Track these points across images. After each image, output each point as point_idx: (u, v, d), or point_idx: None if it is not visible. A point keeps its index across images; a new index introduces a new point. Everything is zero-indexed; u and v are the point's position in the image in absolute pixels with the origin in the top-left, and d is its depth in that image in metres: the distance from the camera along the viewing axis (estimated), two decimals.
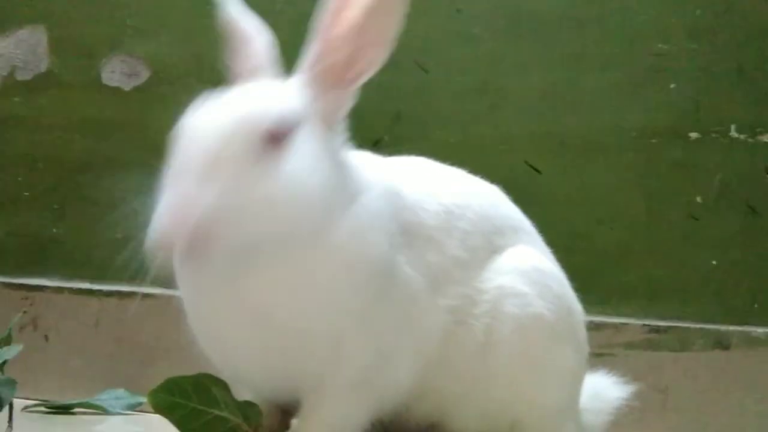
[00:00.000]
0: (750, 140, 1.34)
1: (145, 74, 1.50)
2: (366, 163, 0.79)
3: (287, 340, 0.70)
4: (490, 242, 0.83)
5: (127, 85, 1.50)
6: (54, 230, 1.49)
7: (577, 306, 0.90)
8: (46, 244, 1.49)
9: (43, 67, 1.52)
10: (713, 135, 1.35)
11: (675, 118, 1.35)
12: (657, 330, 1.29)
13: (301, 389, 0.74)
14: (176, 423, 0.72)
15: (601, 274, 1.33)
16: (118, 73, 1.50)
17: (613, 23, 1.38)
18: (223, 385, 0.74)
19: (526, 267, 0.83)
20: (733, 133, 1.34)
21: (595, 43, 1.38)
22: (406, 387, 0.77)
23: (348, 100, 0.75)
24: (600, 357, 1.22)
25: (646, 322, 1.29)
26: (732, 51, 1.34)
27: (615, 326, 1.29)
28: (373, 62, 0.73)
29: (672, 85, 1.36)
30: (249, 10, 0.83)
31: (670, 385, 1.27)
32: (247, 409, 0.75)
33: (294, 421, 0.81)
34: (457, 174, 0.89)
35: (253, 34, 0.80)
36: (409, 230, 0.77)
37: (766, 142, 1.33)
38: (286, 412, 0.81)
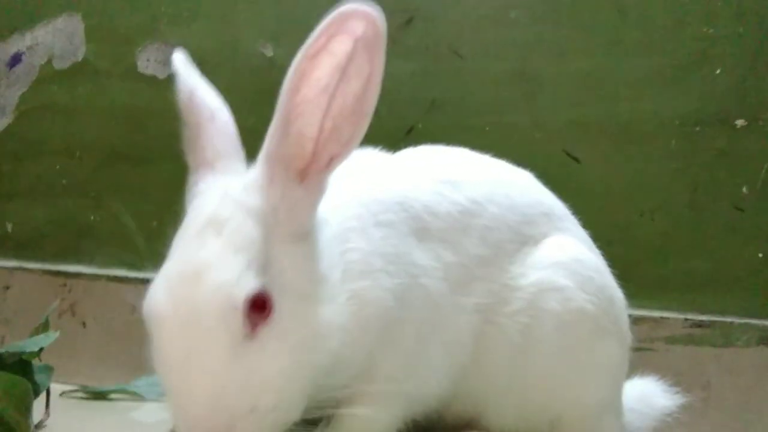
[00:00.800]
0: None
1: None
2: (366, 176, 0.75)
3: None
4: (518, 233, 0.81)
5: (163, 73, 1.51)
6: (91, 218, 1.51)
7: (618, 294, 0.87)
8: (83, 231, 1.51)
9: (80, 55, 1.54)
10: (760, 122, 1.30)
11: (720, 104, 1.31)
12: (699, 324, 1.25)
13: (332, 401, 0.73)
14: None
15: (641, 267, 1.29)
16: (153, 61, 1.51)
17: (656, 7, 1.33)
18: None
19: (564, 258, 0.81)
20: None
21: (636, 27, 1.34)
22: (441, 391, 0.75)
23: (322, 189, 0.65)
24: (640, 351, 1.19)
25: (688, 316, 1.26)
26: None
27: (655, 320, 1.26)
28: (351, 140, 0.64)
29: (717, 71, 1.31)
30: (208, 85, 0.74)
31: (712, 382, 1.23)
32: None
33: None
34: (482, 162, 0.86)
35: (216, 110, 0.72)
36: (422, 237, 0.74)
37: None
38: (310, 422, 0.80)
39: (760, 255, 1.28)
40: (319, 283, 0.65)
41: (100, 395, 1.23)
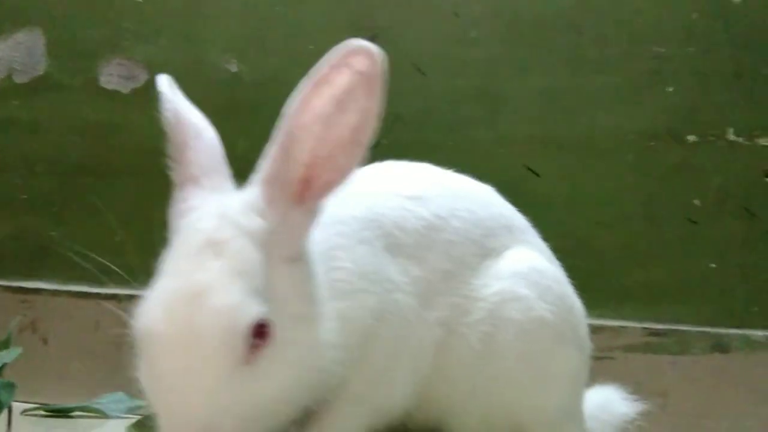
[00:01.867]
0: (748, 143, 1.34)
1: (143, 77, 1.50)
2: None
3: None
4: (480, 247, 0.83)
5: (126, 88, 1.50)
6: (52, 233, 1.49)
7: (577, 303, 0.89)
8: (44, 247, 1.49)
9: (41, 69, 1.52)
10: (711, 138, 1.35)
11: (673, 121, 1.36)
12: (656, 333, 1.29)
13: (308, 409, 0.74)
14: None
15: (600, 277, 1.33)
16: (116, 76, 1.50)
17: (611, 27, 1.38)
18: None
19: (524, 269, 0.83)
20: (731, 137, 1.34)
21: (593, 46, 1.38)
22: (403, 400, 0.77)
23: (317, 213, 0.66)
24: (599, 360, 1.22)
25: (646, 325, 1.30)
26: (729, 54, 1.35)
27: (614, 329, 1.29)
28: (347, 168, 0.65)
29: (670, 89, 1.36)
30: (192, 105, 0.76)
31: (669, 389, 1.27)
32: None
33: None
34: (445, 177, 0.88)
35: (201, 128, 0.72)
36: (393, 252, 0.76)
37: (764, 146, 1.34)
38: None
39: (713, 265, 1.33)
40: (313, 303, 0.66)
41: (62, 413, 1.21)
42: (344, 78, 0.64)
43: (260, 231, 0.63)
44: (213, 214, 0.64)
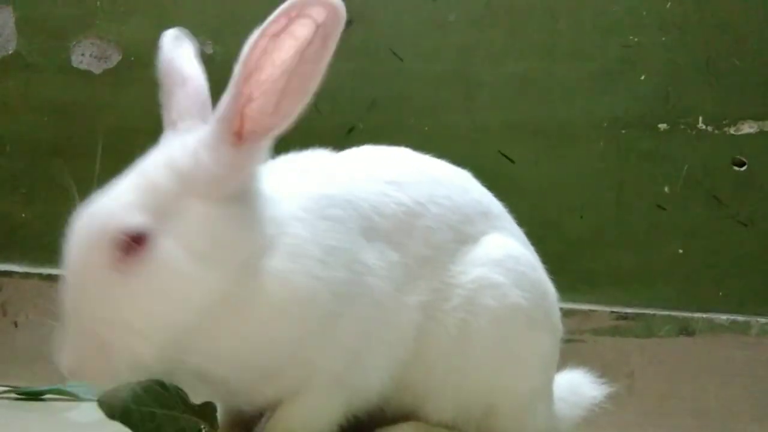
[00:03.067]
0: (717, 132, 1.37)
1: (115, 57, 1.48)
2: (308, 175, 0.78)
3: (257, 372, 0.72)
4: (458, 233, 0.83)
5: (98, 69, 1.48)
6: (23, 215, 1.47)
7: (551, 288, 0.91)
8: (14, 228, 1.47)
9: (11, 48, 1.49)
10: (681, 126, 1.37)
11: (645, 109, 1.38)
12: (624, 317, 1.32)
13: (277, 395, 0.75)
14: (132, 427, 0.72)
15: (571, 262, 1.35)
16: (88, 56, 1.48)
17: (586, 14, 1.39)
18: (175, 388, 0.74)
19: (500, 256, 0.84)
20: (701, 125, 1.37)
21: (567, 33, 1.39)
22: (381, 385, 0.78)
23: (263, 152, 0.69)
24: (569, 343, 1.24)
25: (614, 309, 1.32)
26: (701, 44, 1.37)
27: (584, 313, 1.31)
28: (288, 114, 0.67)
29: (642, 77, 1.38)
30: (190, 53, 0.80)
31: (636, 370, 1.30)
32: (204, 408, 0.75)
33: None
34: (423, 162, 0.88)
35: (189, 77, 0.76)
36: (370, 236, 0.76)
37: (732, 134, 1.36)
38: (249, 423, 0.81)
39: (681, 251, 1.36)
40: (222, 248, 0.67)
41: (34, 395, 1.20)
42: (306, 30, 0.65)
43: (185, 163, 0.67)
44: (157, 152, 0.70)
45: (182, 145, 0.69)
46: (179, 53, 0.78)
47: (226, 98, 0.67)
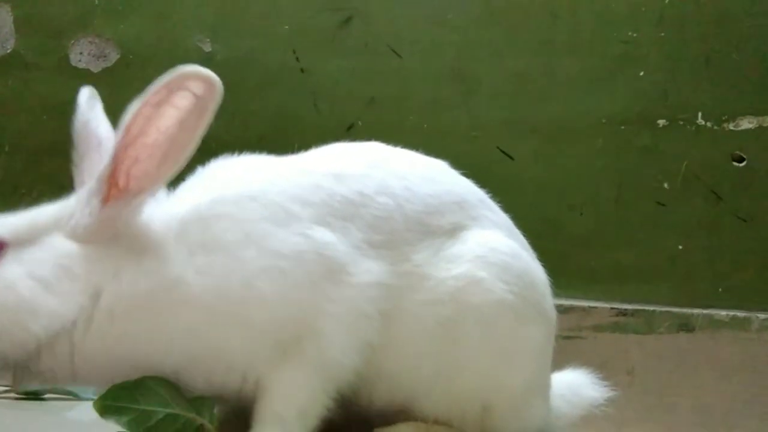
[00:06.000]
0: (716, 128, 1.37)
1: (113, 56, 1.48)
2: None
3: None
4: (418, 223, 0.83)
5: (96, 67, 1.48)
6: None
7: (540, 276, 0.89)
8: None
9: (9, 47, 1.49)
10: (680, 122, 1.37)
11: (644, 105, 1.38)
12: (624, 313, 1.32)
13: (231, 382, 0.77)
14: (127, 426, 0.72)
15: (570, 258, 1.35)
16: (86, 54, 1.48)
17: (584, 11, 1.39)
18: (169, 385, 0.74)
19: (481, 251, 0.83)
20: (700, 121, 1.37)
21: (566, 30, 1.39)
22: (351, 366, 0.77)
23: (141, 205, 0.76)
24: (569, 339, 1.25)
25: (614, 306, 1.32)
26: (699, 40, 1.37)
27: (584, 309, 1.31)
28: (166, 175, 0.75)
29: (641, 73, 1.38)
30: (105, 115, 0.85)
31: (636, 367, 1.30)
32: (199, 403, 0.75)
33: None
34: (387, 157, 0.88)
35: (103, 139, 0.82)
36: (284, 222, 0.78)
37: (731, 130, 1.36)
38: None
39: (680, 247, 1.36)
40: (75, 282, 0.74)
41: (34, 395, 1.20)
42: (185, 101, 0.72)
43: (64, 210, 0.77)
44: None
45: (63, 205, 0.78)
46: (94, 114, 0.84)
47: (109, 160, 0.74)
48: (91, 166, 0.81)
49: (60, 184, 1.43)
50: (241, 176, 0.82)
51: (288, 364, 0.76)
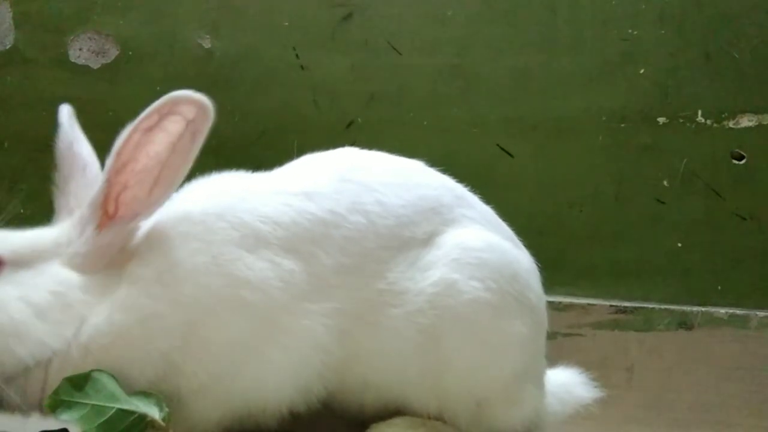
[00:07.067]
0: (716, 125, 1.37)
1: (113, 52, 1.47)
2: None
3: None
4: (393, 238, 0.81)
5: (96, 63, 1.47)
6: (21, 211, 1.47)
7: (522, 265, 0.87)
8: (14, 224, 1.46)
9: (8, 43, 1.49)
10: (680, 120, 1.37)
11: (644, 102, 1.38)
12: (623, 310, 1.32)
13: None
14: (79, 422, 0.71)
15: (569, 256, 1.35)
16: (86, 50, 1.48)
17: (585, 8, 1.39)
18: (116, 378, 0.74)
19: (454, 253, 0.82)
20: (700, 119, 1.37)
21: (566, 27, 1.39)
22: (278, 388, 0.77)
23: (127, 235, 0.76)
24: (568, 336, 1.25)
25: (613, 303, 1.32)
26: (699, 37, 1.37)
27: (583, 307, 1.32)
28: (158, 201, 0.75)
29: (641, 71, 1.38)
30: (85, 138, 0.84)
31: (635, 364, 1.30)
32: (147, 398, 0.74)
33: None
34: (360, 166, 0.86)
35: (88, 163, 0.83)
36: (252, 246, 0.77)
37: (731, 128, 1.36)
38: None
39: (680, 245, 1.36)
40: (66, 311, 0.74)
41: None
42: (176, 126, 0.73)
43: (61, 237, 0.78)
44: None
45: (72, 220, 0.78)
46: (77, 136, 0.84)
47: (100, 187, 0.74)
48: (78, 189, 0.81)
49: None
50: (212, 193, 0.81)
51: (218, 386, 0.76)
